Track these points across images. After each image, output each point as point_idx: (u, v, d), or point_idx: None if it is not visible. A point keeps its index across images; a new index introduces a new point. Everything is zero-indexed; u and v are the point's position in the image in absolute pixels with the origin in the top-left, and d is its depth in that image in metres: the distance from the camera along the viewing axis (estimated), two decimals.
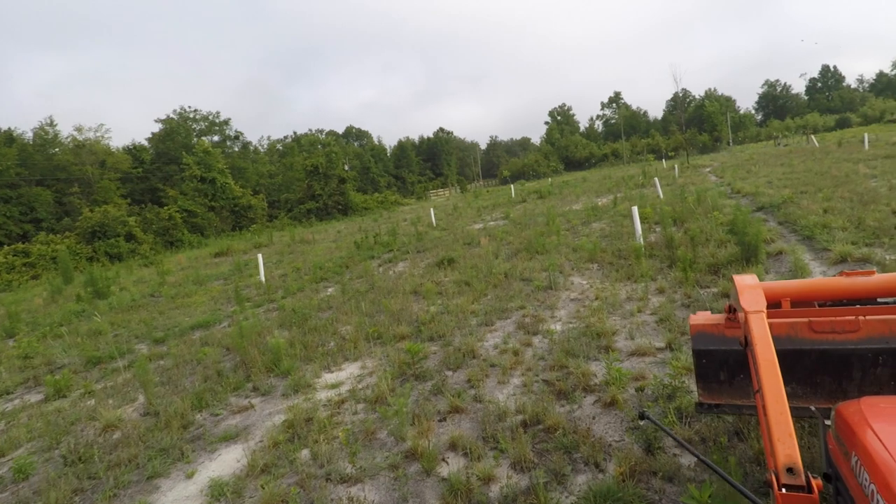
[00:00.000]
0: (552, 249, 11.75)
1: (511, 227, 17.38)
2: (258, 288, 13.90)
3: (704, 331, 2.99)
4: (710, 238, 9.48)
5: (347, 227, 32.50)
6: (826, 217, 9.63)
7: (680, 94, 77.81)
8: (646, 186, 25.12)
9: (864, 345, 2.60)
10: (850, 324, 2.62)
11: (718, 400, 3.02)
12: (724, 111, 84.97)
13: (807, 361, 2.69)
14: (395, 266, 14.05)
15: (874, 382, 2.62)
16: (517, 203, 28.69)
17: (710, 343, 2.95)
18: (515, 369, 5.36)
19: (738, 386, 2.93)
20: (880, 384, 2.61)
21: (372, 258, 16.00)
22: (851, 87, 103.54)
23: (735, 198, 15.79)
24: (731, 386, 2.96)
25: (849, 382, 2.67)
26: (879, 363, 2.59)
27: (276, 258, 20.61)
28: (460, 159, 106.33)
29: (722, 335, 2.92)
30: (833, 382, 2.70)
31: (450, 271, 11.44)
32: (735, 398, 2.96)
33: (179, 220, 33.91)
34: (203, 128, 72.33)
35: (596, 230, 13.99)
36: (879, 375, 2.60)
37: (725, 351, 2.90)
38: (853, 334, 2.61)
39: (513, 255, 11.89)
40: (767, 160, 28.71)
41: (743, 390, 2.93)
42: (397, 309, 8.61)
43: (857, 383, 2.65)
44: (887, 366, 2.58)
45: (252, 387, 6.31)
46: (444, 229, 21.35)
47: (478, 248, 14.06)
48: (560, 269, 9.60)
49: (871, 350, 2.59)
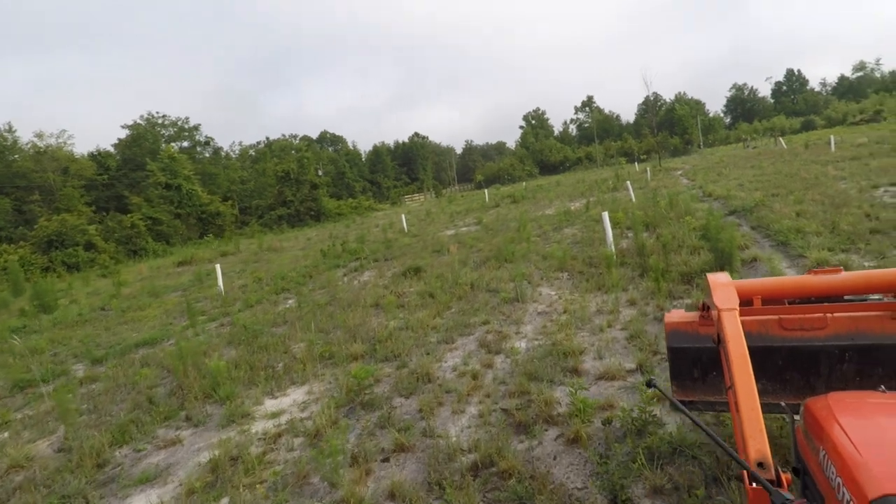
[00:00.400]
0: (522, 257, 11.30)
1: (482, 234, 16.93)
2: (216, 300, 13.17)
3: (679, 328, 3.03)
4: (683, 244, 9.13)
5: (319, 234, 31.70)
6: (799, 221, 9.36)
7: (651, 97, 78.63)
8: (618, 190, 24.97)
9: (832, 341, 2.66)
10: (818, 321, 2.69)
11: (692, 396, 3.05)
12: (695, 114, 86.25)
13: (777, 358, 2.75)
14: (360, 275, 13.46)
15: (840, 378, 2.67)
16: (491, 208, 28.30)
17: (685, 340, 2.99)
18: (473, 395, 4.84)
19: (711, 383, 2.97)
20: (846, 380, 2.66)
21: (338, 267, 15.38)
22: (815, 91, 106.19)
23: (707, 201, 15.60)
24: (704, 383, 3.00)
25: (817, 378, 2.73)
26: (846, 359, 2.65)
27: (241, 267, 19.80)
28: (436, 164, 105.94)
29: (696, 333, 2.96)
30: (802, 378, 2.76)
31: (415, 281, 10.92)
32: (708, 395, 3.00)
33: (143, 229, 32.60)
34: (172, 133, 70.85)
35: (567, 236, 13.61)
36: (846, 371, 2.66)
37: (699, 348, 2.92)
38: (821, 331, 2.67)
39: (482, 264, 11.41)
40: (737, 162, 28.87)
41: (716, 387, 2.95)
42: (355, 324, 8.04)
43: (824, 379, 2.70)
44: (853, 362, 2.64)
45: (185, 416, 5.68)
46: (415, 236, 20.82)
47: (447, 256, 13.56)
48: (528, 278, 9.14)
49: (837, 346, 2.65)
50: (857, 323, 2.65)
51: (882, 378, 2.58)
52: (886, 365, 2.61)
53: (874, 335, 2.61)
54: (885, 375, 2.60)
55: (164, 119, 68.98)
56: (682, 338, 3.00)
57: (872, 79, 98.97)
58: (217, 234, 37.45)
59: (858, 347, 2.62)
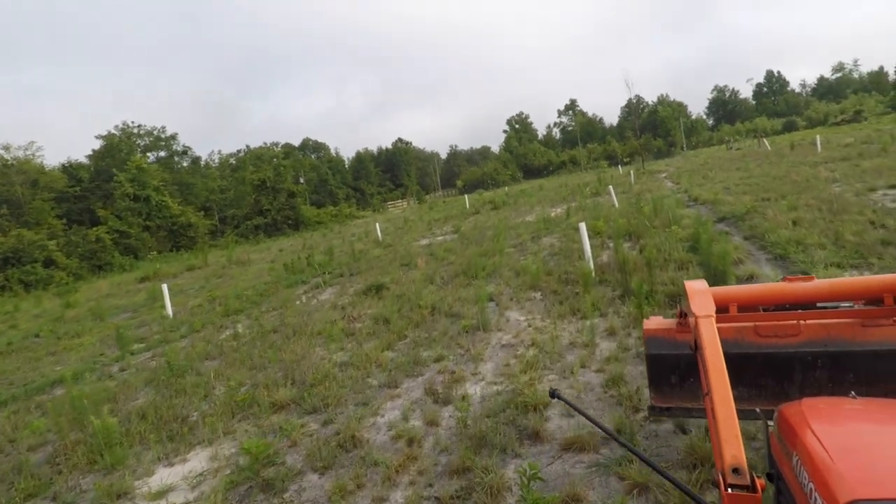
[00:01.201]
0: (493, 272, 10.26)
1: (457, 244, 15.87)
2: (163, 323, 11.97)
3: (656, 335, 3.05)
4: (670, 259, 8.12)
5: (293, 244, 30.44)
6: (798, 231, 8.40)
7: (634, 100, 78.39)
8: (601, 194, 24.08)
9: (804, 348, 2.69)
10: (791, 328, 2.72)
11: (670, 403, 3.05)
12: (677, 116, 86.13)
13: (752, 364, 2.75)
14: (320, 293, 12.32)
15: (813, 384, 2.69)
16: (470, 215, 27.27)
17: (662, 347, 3.01)
18: (403, 472, 3.74)
19: (689, 389, 2.97)
20: (819, 386, 2.69)
21: (301, 283, 14.22)
22: (795, 92, 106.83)
23: (694, 206, 14.68)
24: (681, 389, 3.01)
25: (790, 385, 2.73)
26: (818, 366, 2.69)
27: (202, 283, 18.53)
28: (420, 169, 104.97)
29: (673, 339, 2.98)
30: (776, 385, 2.77)
31: (376, 301, 9.82)
32: (685, 401, 3.00)
33: (109, 242, 30.99)
34: (148, 143, 69.29)
35: (545, 246, 12.59)
36: (818, 377, 2.69)
37: (677, 355, 2.94)
38: (794, 338, 2.70)
39: (449, 281, 10.34)
40: (722, 164, 28.14)
41: (693, 393, 2.96)
42: (295, 358, 6.92)
43: (797, 385, 2.71)
44: (825, 368, 2.67)
45: (53, 495, 4.51)
46: (388, 246, 19.74)
47: (415, 270, 12.47)
48: (497, 299, 8.08)
49: (810, 353, 2.69)
50: (828, 330, 2.68)
51: (853, 384, 2.60)
52: (857, 371, 2.63)
53: (845, 342, 2.64)
54: (856, 381, 2.62)
55: (140, 129, 67.45)
56: (660, 344, 3.02)
57: (851, 79, 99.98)
58: (189, 246, 35.97)
59: (830, 354, 2.65)
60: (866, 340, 2.61)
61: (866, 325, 2.64)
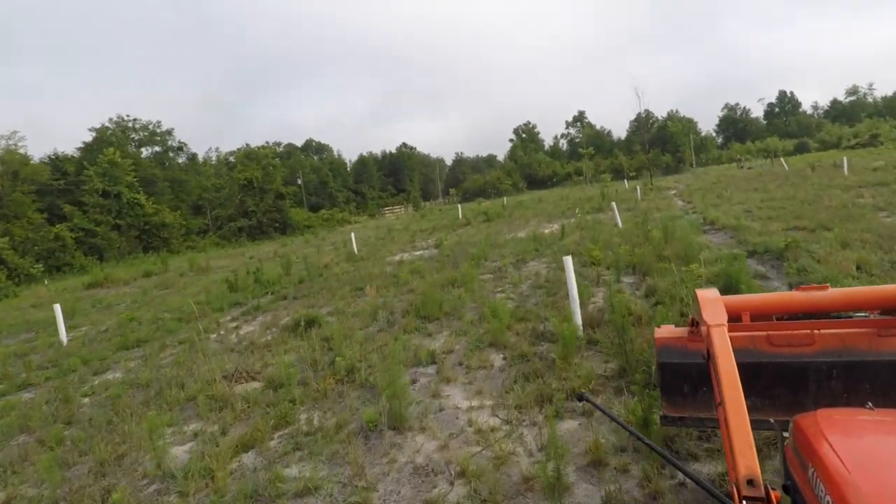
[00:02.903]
0: (454, 311, 7.89)
1: (430, 264, 13.51)
2: (48, 354, 9.66)
3: (668, 344, 2.98)
4: (689, 311, 5.73)
5: (269, 250, 28.13)
6: (868, 280, 6.00)
7: (643, 114, 75.87)
8: (603, 210, 21.71)
9: (819, 358, 2.63)
10: (805, 337, 2.67)
11: (682, 413, 2.98)
12: (687, 132, 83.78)
13: (765, 374, 2.71)
14: (249, 322, 10.00)
15: (828, 395, 2.63)
16: (460, 226, 24.91)
17: (674, 356, 2.94)
18: None
19: (701, 399, 2.90)
20: (834, 396, 2.62)
21: (236, 305, 11.86)
22: (807, 113, 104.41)
23: (712, 232, 12.30)
24: (694, 399, 2.94)
25: (805, 395, 2.67)
26: (833, 376, 2.62)
27: (140, 296, 16.16)
28: (424, 175, 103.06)
29: (685, 348, 2.92)
30: (790, 395, 2.70)
31: (298, 341, 7.49)
32: (698, 411, 2.93)
33: (71, 242, 28.56)
34: (143, 137, 67.51)
35: (530, 274, 10.23)
36: (833, 388, 2.62)
37: (688, 364, 2.87)
38: (808, 347, 2.65)
39: (397, 320, 7.98)
40: (737, 184, 25.74)
41: (705, 403, 2.88)
42: (117, 455, 4.55)
43: (812, 396, 2.65)
44: (840, 378, 2.61)
45: None
46: (360, 260, 17.45)
47: (365, 299, 10.13)
48: (440, 362, 5.70)
49: (825, 363, 2.62)
50: (843, 339, 2.61)
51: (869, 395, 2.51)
52: (872, 382, 2.56)
53: (861, 352, 2.57)
54: (872, 392, 2.54)
55: (135, 122, 65.64)
56: (671, 353, 2.94)
57: (865, 103, 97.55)
58: (161, 247, 33.61)
59: (845, 364, 2.59)
60: (882, 350, 2.52)
61: (882, 334, 2.55)
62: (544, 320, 6.58)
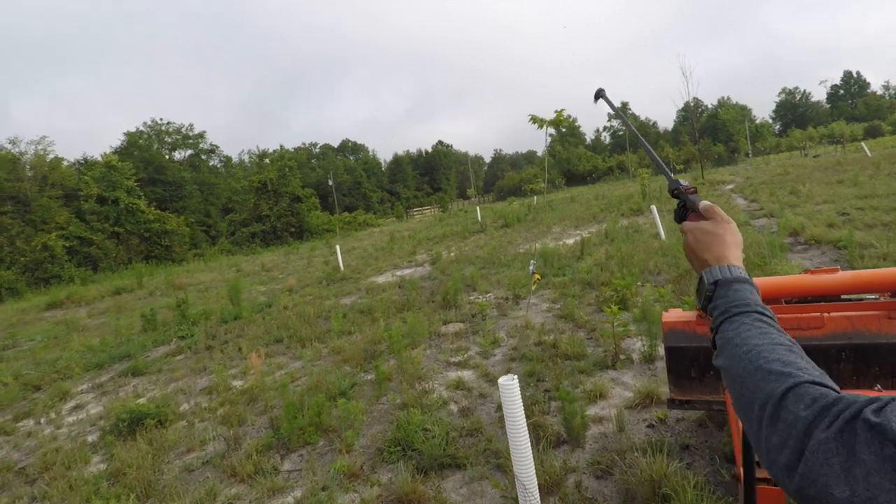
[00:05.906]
0: (338, 428, 4.43)
1: (402, 296, 10.09)
2: None
3: (676, 328, 2.98)
4: None
5: (270, 260, 25.31)
6: None
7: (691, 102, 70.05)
8: (644, 212, 17.72)
9: (828, 341, 2.61)
10: (815, 320, 2.64)
11: (689, 396, 2.99)
12: (741, 119, 76.99)
13: None
14: (97, 401, 6.83)
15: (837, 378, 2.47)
16: (473, 234, 21.32)
17: (682, 340, 2.95)
18: None
19: (708, 382, 2.92)
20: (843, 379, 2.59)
21: (124, 359, 8.76)
22: (877, 94, 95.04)
23: (798, 249, 8.37)
24: (701, 382, 2.95)
25: None
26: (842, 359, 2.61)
27: (72, 323, 13.34)
28: (461, 173, 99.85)
29: (693, 332, 2.91)
30: None
31: (106, 460, 4.19)
32: (705, 394, 2.94)
33: (60, 251, 26.52)
34: (175, 140, 67.30)
35: (514, 328, 6.66)
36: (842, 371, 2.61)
37: (696, 348, 2.89)
38: (818, 330, 2.63)
39: (246, 439, 4.59)
40: (811, 174, 21.12)
41: (712, 386, 2.90)
42: None
43: None
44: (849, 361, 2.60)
45: None
46: (341, 280, 14.23)
47: (299, 350, 6.79)
48: None
49: (834, 346, 2.61)
50: (853, 322, 2.60)
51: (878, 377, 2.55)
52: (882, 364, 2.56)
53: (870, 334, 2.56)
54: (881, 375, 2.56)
55: (169, 126, 65.38)
56: (679, 337, 2.95)
57: None
58: (165, 256, 31.44)
59: (855, 347, 2.58)
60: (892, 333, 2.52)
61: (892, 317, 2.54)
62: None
